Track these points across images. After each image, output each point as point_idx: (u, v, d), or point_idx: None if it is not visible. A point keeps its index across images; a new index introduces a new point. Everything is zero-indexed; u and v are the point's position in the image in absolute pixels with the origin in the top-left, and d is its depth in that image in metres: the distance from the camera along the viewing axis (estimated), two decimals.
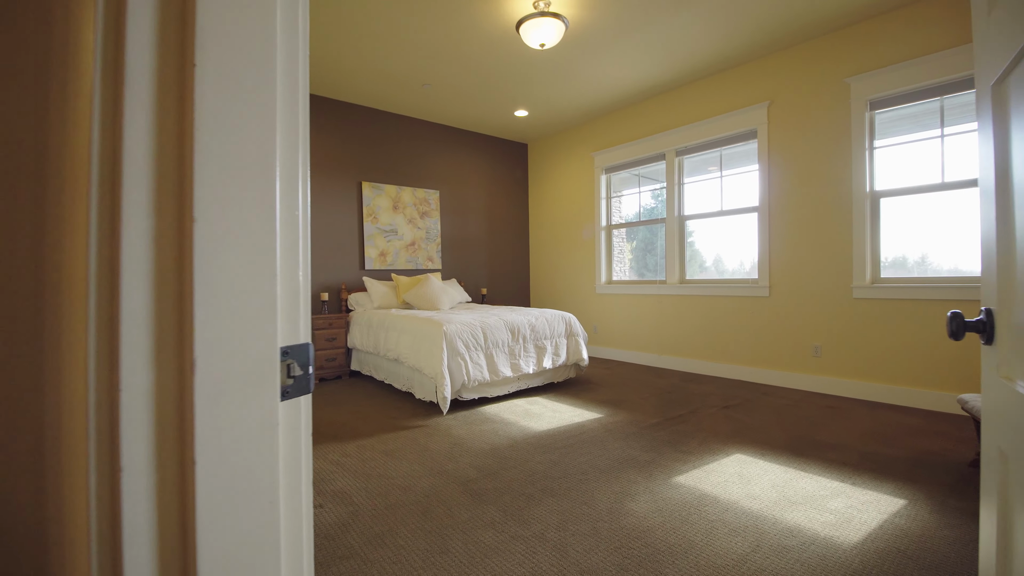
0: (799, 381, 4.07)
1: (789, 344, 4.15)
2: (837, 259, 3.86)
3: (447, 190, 5.95)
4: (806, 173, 4.03)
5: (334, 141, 5.06)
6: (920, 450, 2.62)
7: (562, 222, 6.32)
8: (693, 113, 4.83)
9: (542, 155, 6.60)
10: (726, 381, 4.37)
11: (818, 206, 3.97)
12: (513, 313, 4.07)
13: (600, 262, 5.81)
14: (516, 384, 3.88)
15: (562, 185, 6.30)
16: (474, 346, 3.53)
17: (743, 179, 4.63)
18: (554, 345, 4.08)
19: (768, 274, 4.28)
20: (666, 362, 5.07)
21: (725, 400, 3.72)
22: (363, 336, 4.47)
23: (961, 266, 3.44)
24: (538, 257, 6.72)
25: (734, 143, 4.57)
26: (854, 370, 3.78)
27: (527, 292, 6.85)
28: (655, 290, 5.19)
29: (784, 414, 3.33)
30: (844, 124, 3.81)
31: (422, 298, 4.79)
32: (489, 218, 6.39)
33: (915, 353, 3.49)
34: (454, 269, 6.03)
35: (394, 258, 5.45)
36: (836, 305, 3.87)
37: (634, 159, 5.41)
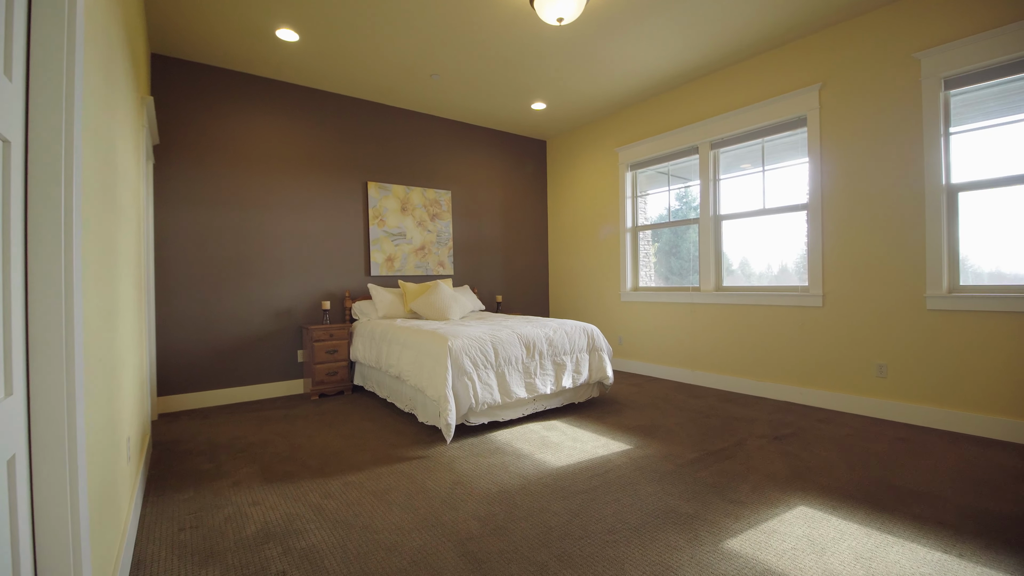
0: (859, 405, 3.52)
1: (847, 362, 3.60)
2: (907, 264, 3.31)
3: (459, 190, 5.57)
4: (867, 164, 3.49)
5: (338, 138, 4.72)
6: None
7: (584, 224, 5.86)
8: (731, 100, 4.32)
9: (562, 152, 6.16)
10: (772, 404, 3.84)
11: (882, 202, 3.42)
12: (528, 325, 3.63)
13: (625, 267, 5.33)
14: (531, 406, 3.45)
15: (584, 184, 5.85)
16: (483, 364, 3.11)
17: (787, 174, 4.10)
18: (575, 362, 3.63)
19: (821, 281, 3.74)
20: (700, 379, 4.56)
21: (774, 428, 3.21)
22: (366, 349, 4.11)
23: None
24: (558, 262, 6.27)
25: (778, 133, 4.05)
26: (928, 394, 3.22)
27: (546, 300, 6.41)
28: (687, 298, 4.68)
29: (848, 448, 2.80)
30: (913, 107, 3.26)
31: (430, 307, 4.40)
32: (505, 220, 5.98)
33: (1006, 375, 2.91)
34: (467, 275, 5.63)
35: (402, 263, 5.09)
36: (905, 317, 3.32)
37: (663, 154, 4.93)
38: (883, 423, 3.29)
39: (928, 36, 3.20)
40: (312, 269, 4.56)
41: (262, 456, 2.84)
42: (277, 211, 4.38)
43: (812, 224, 3.79)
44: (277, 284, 4.37)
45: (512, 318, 4.28)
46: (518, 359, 3.29)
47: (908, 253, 3.30)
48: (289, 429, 3.36)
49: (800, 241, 4.01)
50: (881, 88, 3.41)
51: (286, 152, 4.44)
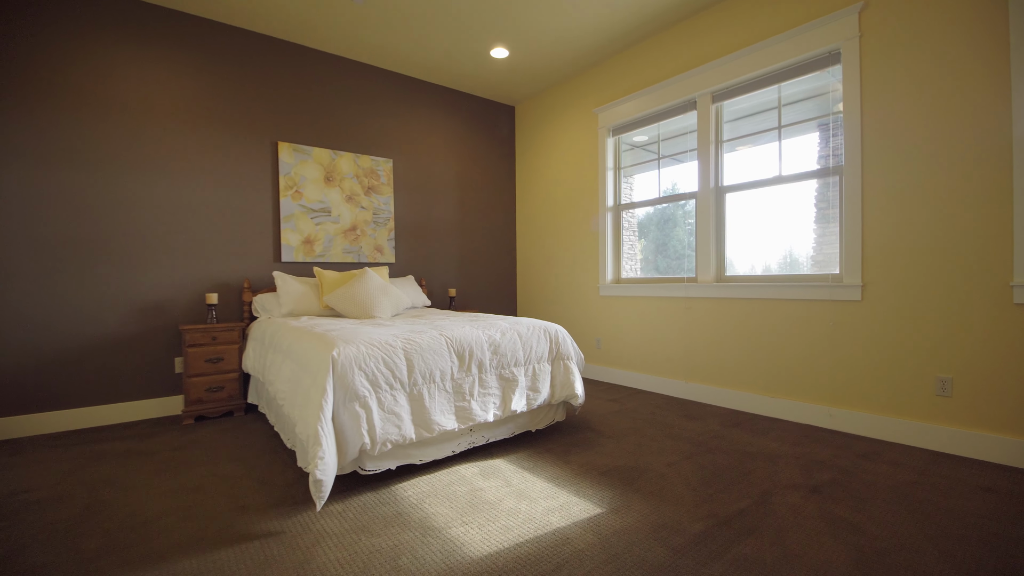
0: (912, 433, 2.60)
1: (895, 375, 2.68)
2: (982, 242, 2.39)
3: (403, 160, 4.55)
4: (926, 111, 2.56)
5: (238, 85, 3.67)
6: None
7: (558, 204, 4.88)
8: (738, 37, 3.38)
9: (533, 120, 5.17)
10: (793, 429, 2.91)
11: (948, 162, 2.50)
12: (469, 325, 2.64)
13: (606, 254, 4.36)
14: (467, 439, 2.45)
15: (558, 156, 4.87)
16: (388, 382, 2.11)
17: (807, 136, 3.17)
18: (531, 375, 2.65)
19: (860, 267, 2.81)
20: (697, 393, 3.61)
21: (806, 469, 2.26)
22: (256, 357, 3.07)
23: None
24: (527, 250, 5.28)
25: (801, 75, 3.11)
26: (1012, 421, 2.31)
27: (512, 295, 5.41)
28: (681, 291, 3.73)
29: (920, 507, 1.87)
30: (997, 27, 2.34)
31: (350, 301, 3.37)
32: (462, 199, 4.97)
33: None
34: (412, 264, 4.61)
35: (326, 247, 4.05)
36: (980, 315, 2.40)
37: (652, 112, 3.97)
38: (949, 459, 2.37)
39: None
40: (198, 252, 3.50)
41: (30, 526, 1.80)
42: (148, 174, 3.32)
43: (849, 192, 2.86)
44: (145, 271, 3.30)
45: (455, 316, 3.28)
46: (446, 374, 2.29)
47: (986, 228, 2.38)
48: (117, 474, 2.31)
49: (830, 217, 3.08)
50: (947, 5, 2.48)
51: (164, 98, 3.38)
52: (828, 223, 3.16)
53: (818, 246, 3.20)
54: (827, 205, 3.19)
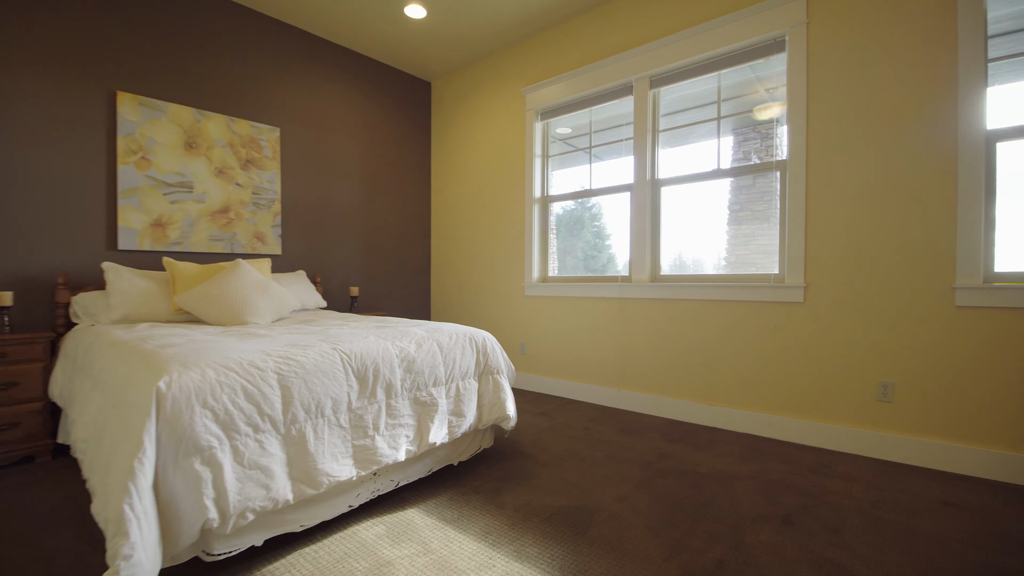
0: (856, 441, 2.49)
1: (837, 379, 2.56)
2: (925, 243, 2.32)
3: (296, 130, 3.76)
4: (876, 107, 2.45)
5: (59, 11, 2.68)
6: None
7: (480, 194, 4.38)
8: (679, 17, 3.13)
9: (452, 97, 4.61)
10: (740, 441, 2.69)
11: (895, 160, 2.40)
12: (371, 335, 2.05)
13: (532, 250, 3.95)
14: (370, 487, 1.86)
15: (481, 140, 4.37)
16: (252, 423, 1.46)
17: (750, 123, 3.01)
18: (454, 396, 2.12)
19: (803, 267, 2.67)
20: (633, 402, 3.32)
21: (765, 492, 2.00)
22: (64, 380, 2.20)
23: None
24: (444, 242, 4.71)
25: (744, 62, 2.93)
26: (955, 426, 2.25)
27: (426, 293, 4.82)
28: (614, 291, 3.42)
29: (894, 531, 1.66)
30: (943, 17, 2.27)
31: (214, 303, 2.59)
32: (369, 182, 4.28)
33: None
34: (304, 257, 3.84)
35: (185, 232, 3.17)
36: (922, 317, 2.33)
37: (585, 95, 3.62)
38: (895, 469, 2.27)
39: None
40: None
41: None
42: None
43: (791, 190, 2.70)
44: None
45: (358, 321, 2.65)
46: (340, 403, 1.69)
47: (930, 229, 2.31)
48: None
49: (770, 215, 2.93)
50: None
51: None
52: (759, 221, 3.02)
53: (739, 246, 3.05)
54: (757, 201, 3.05)
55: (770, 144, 3.10)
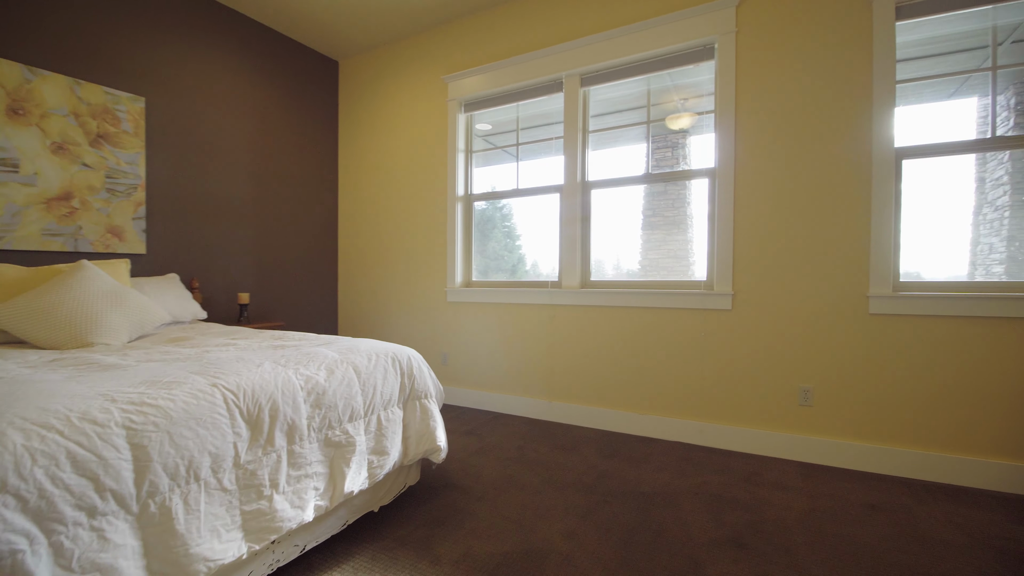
0: (779, 445, 2.55)
1: (763, 385, 2.61)
2: (843, 253, 2.42)
3: (166, 101, 3.09)
4: (800, 119, 2.52)
5: None
6: None
7: (396, 189, 3.97)
8: (609, 15, 3.03)
9: (364, 81, 4.14)
10: (668, 449, 2.64)
11: (817, 170, 2.48)
12: (266, 360, 1.63)
13: (455, 252, 3.65)
14: (267, 561, 1.46)
15: (397, 130, 3.96)
16: (86, 505, 1.02)
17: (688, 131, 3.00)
18: (374, 431, 1.78)
19: (731, 275, 2.68)
20: (563, 413, 3.17)
21: (710, 510, 1.93)
22: None
23: None
24: (354, 242, 4.23)
25: (675, 67, 2.89)
26: (869, 428, 2.38)
27: (332, 300, 4.30)
28: (545, 298, 3.25)
29: (840, 544, 1.65)
30: (861, 38, 2.38)
31: (45, 318, 1.96)
32: (262, 170, 3.68)
33: (972, 399, 2.19)
34: (178, 257, 3.18)
35: (7, 224, 2.42)
36: (839, 324, 2.43)
37: (513, 88, 3.40)
38: (818, 471, 2.34)
39: None
40: None
41: None
42: None
43: (720, 197, 2.71)
44: None
45: (248, 339, 2.16)
46: (223, 459, 1.28)
47: (847, 240, 2.42)
48: None
49: (680, 220, 2.93)
50: (819, 10, 2.46)
51: None
52: (670, 226, 3.04)
53: (652, 250, 3.06)
54: (668, 208, 3.06)
55: (681, 153, 3.13)
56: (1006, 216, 2.27)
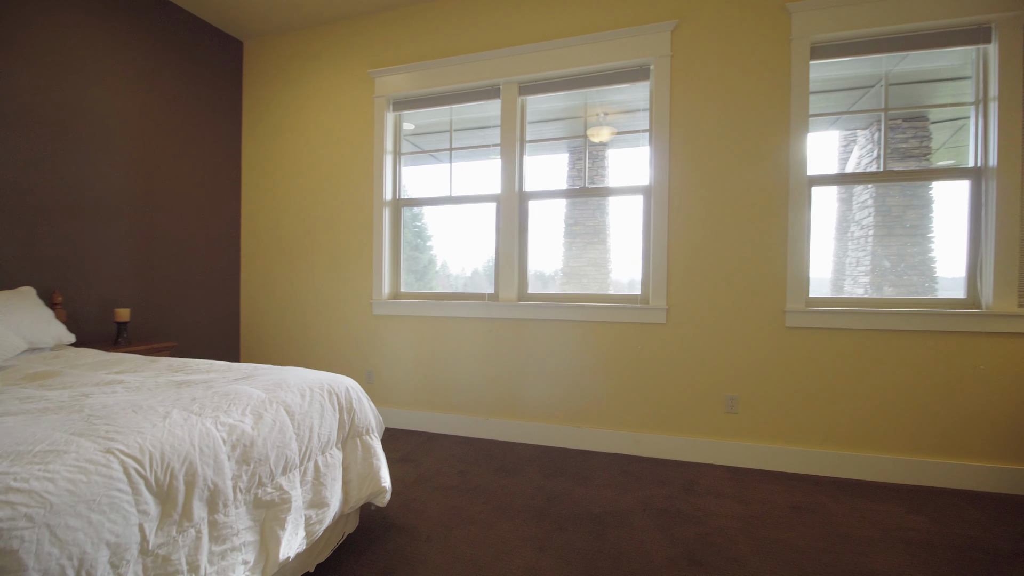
0: (709, 451, 2.69)
1: (694, 395, 2.74)
2: (764, 271, 2.62)
3: (15, 68, 2.47)
4: (724, 144, 2.67)
5: None
6: None
7: (313, 190, 3.59)
8: (549, 26, 2.99)
9: (275, 66, 3.69)
10: (608, 462, 2.66)
11: (742, 193, 2.65)
12: (173, 406, 1.33)
13: (382, 261, 3.39)
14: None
15: (315, 124, 3.58)
16: None
17: (620, 145, 3.05)
18: (311, 480, 1.54)
19: (665, 290, 2.78)
20: (500, 430, 3.08)
21: (661, 526, 1.95)
22: None
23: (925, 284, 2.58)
24: (260, 248, 3.76)
25: (611, 84, 2.93)
26: (787, 432, 2.59)
27: (234, 314, 3.78)
28: (481, 311, 3.13)
29: (780, 551, 1.75)
30: (781, 72, 2.58)
31: None
32: (146, 160, 3.12)
33: (870, 402, 2.47)
34: (30, 264, 2.56)
35: None
36: (760, 336, 2.63)
37: (446, 89, 3.23)
38: (745, 474, 2.50)
39: None
40: None
41: None
42: None
43: (655, 214, 2.79)
44: None
45: (137, 371, 1.78)
46: (125, 549, 0.99)
47: (768, 258, 2.61)
48: None
49: (599, 229, 3.00)
50: (748, 42, 2.63)
51: None
52: (590, 235, 3.10)
53: (573, 258, 3.12)
54: (589, 218, 3.13)
55: (601, 165, 3.18)
56: (870, 234, 2.59)
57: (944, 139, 2.56)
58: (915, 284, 2.54)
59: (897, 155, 2.56)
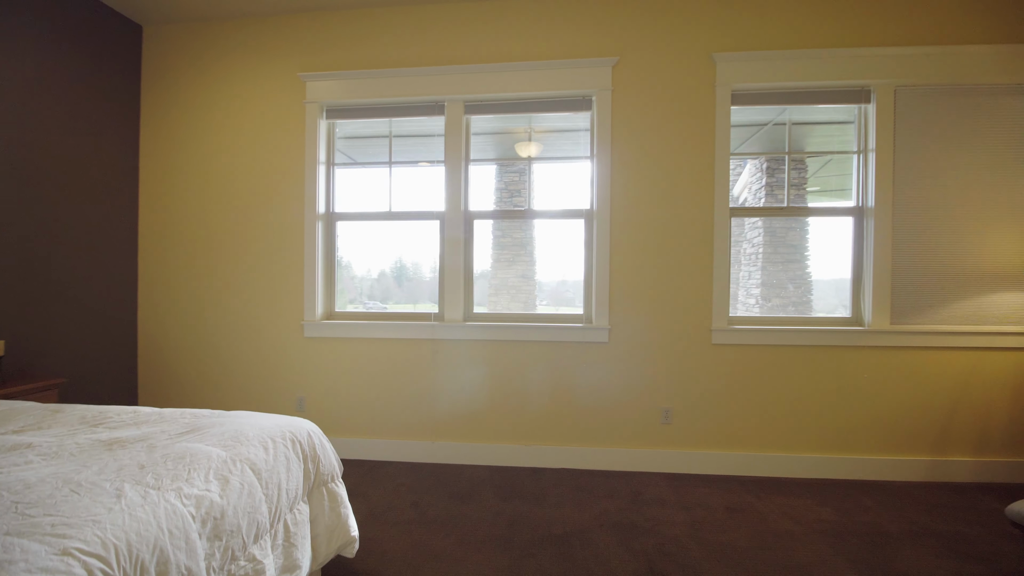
0: (648, 461, 2.89)
1: (634, 408, 2.93)
2: (694, 292, 2.88)
3: None
4: (664, 175, 2.89)
5: None
6: None
7: (231, 198, 3.23)
8: (493, 48, 3.01)
9: (183, 58, 3.27)
10: (559, 477, 2.75)
11: (676, 220, 2.89)
12: (118, 473, 1.14)
13: (315, 279, 3.16)
14: None
15: (232, 126, 3.22)
16: None
17: (559, 169, 3.16)
18: (282, 542, 1.40)
19: (608, 310, 2.93)
20: (448, 453, 3.02)
21: (620, 540, 2.07)
22: None
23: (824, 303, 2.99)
24: (163, 265, 3.30)
25: (556, 111, 3.03)
26: (715, 439, 2.87)
27: (130, 340, 3.28)
28: (426, 332, 3.06)
29: (726, 553, 1.95)
30: (708, 115, 2.86)
31: None
32: (21, 160, 2.59)
33: (782, 409, 2.83)
34: None
35: None
36: (690, 353, 2.88)
37: (387, 102, 3.11)
38: (680, 479, 2.73)
39: (727, 35, 2.84)
40: None
41: None
42: None
43: (598, 239, 2.94)
44: None
45: (43, 430, 1.48)
46: None
47: (697, 280, 2.87)
48: None
49: (526, 242, 3.13)
50: (680, 85, 2.87)
51: None
52: (517, 248, 3.22)
53: (501, 270, 3.23)
54: (516, 230, 3.24)
55: (525, 180, 3.27)
56: (760, 253, 3.00)
57: (814, 170, 3.07)
58: (807, 303, 2.96)
59: (778, 184, 2.99)
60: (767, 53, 2.77)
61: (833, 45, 2.75)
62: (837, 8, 2.76)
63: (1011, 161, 2.68)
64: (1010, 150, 2.68)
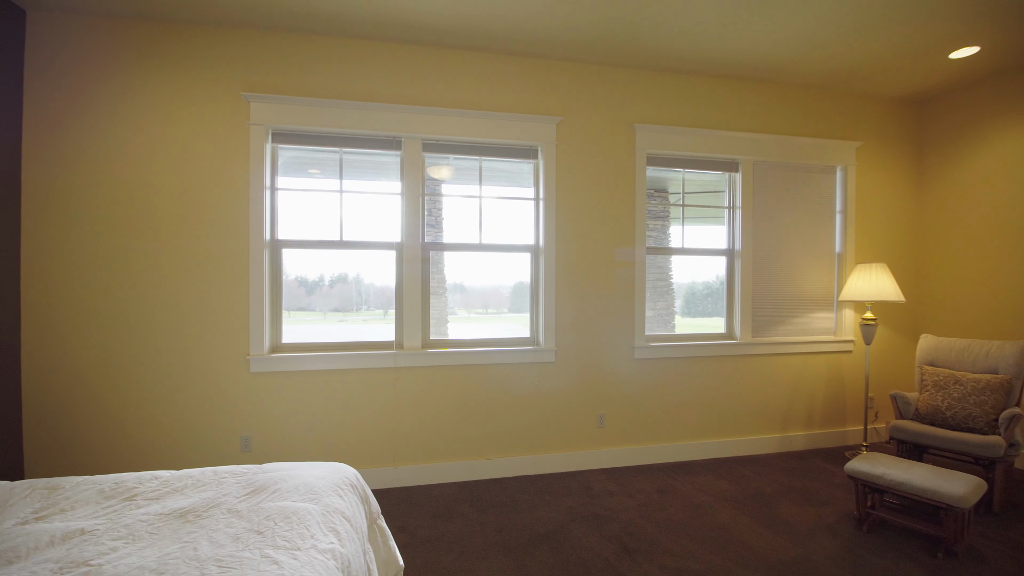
0: (589, 460, 3.42)
1: (574, 416, 3.43)
2: (620, 317, 3.49)
3: None
4: (599, 217, 3.44)
5: None
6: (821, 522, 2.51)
7: (155, 221, 2.87)
8: (452, 95, 3.24)
9: (89, 52, 2.79)
10: (520, 485, 3.10)
11: (607, 257, 3.46)
12: (212, 549, 1.20)
13: (262, 308, 3.00)
14: None
15: (165, 143, 2.87)
16: None
17: (504, 205, 3.51)
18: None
19: (555, 334, 3.38)
20: (412, 475, 3.15)
21: (594, 528, 2.52)
22: None
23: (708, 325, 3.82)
24: (57, 296, 2.78)
25: (506, 157, 3.38)
26: (637, 435, 3.51)
27: (14, 389, 2.70)
28: (387, 361, 3.14)
29: (666, 524, 2.54)
30: (630, 173, 3.49)
31: None
32: None
33: (674, 404, 3.59)
34: None
35: None
36: (618, 366, 3.49)
37: (341, 133, 3.11)
38: (616, 472, 3.31)
39: (643, 109, 3.49)
40: None
41: None
42: None
43: (545, 273, 3.37)
44: None
45: (71, 511, 1.35)
46: None
47: (623, 307, 3.48)
48: None
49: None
50: (608, 148, 3.45)
51: None
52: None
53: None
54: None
55: (440, 203, 3.56)
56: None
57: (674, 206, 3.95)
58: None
59: (651, 215, 3.80)
60: (671, 128, 3.50)
61: (716, 127, 3.61)
62: (720, 102, 3.63)
63: (824, 218, 3.84)
64: (824, 211, 3.84)
